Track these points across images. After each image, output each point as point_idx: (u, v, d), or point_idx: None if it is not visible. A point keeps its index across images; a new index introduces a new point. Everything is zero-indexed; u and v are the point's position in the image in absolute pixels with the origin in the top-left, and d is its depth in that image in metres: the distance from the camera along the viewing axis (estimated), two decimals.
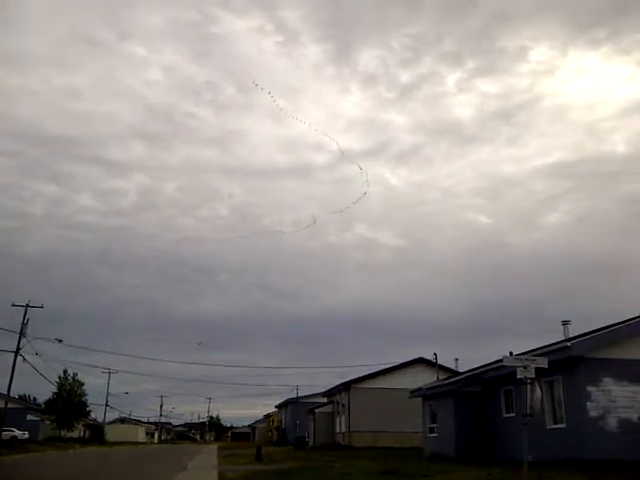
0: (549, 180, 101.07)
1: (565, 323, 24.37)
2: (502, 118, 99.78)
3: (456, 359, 41.90)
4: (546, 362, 10.64)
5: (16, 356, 42.57)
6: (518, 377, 10.36)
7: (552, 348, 18.34)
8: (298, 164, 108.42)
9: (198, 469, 24.50)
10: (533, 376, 10.13)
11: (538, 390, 10.22)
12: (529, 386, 10.19)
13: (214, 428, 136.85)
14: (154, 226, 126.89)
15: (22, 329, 43.21)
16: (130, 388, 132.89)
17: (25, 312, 43.66)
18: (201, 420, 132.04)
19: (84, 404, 70.41)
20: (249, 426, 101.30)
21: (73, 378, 68.76)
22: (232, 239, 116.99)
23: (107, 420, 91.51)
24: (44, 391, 67.37)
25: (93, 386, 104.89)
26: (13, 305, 43.57)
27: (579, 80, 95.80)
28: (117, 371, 76.35)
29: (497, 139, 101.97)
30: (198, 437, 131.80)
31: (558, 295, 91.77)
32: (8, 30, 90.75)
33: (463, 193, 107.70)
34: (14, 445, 43.13)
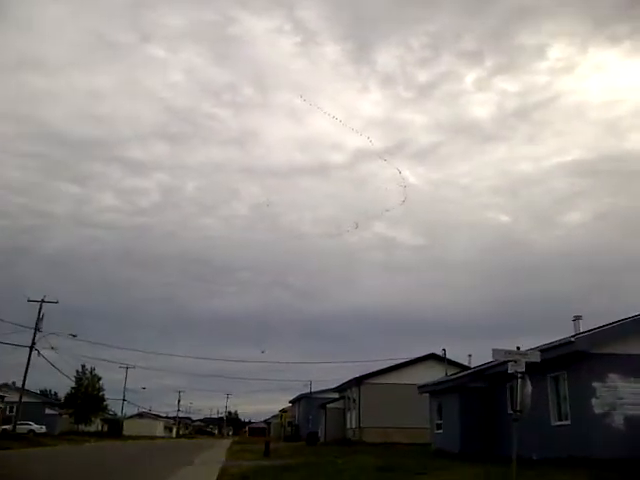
0: (568, 178, 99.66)
1: (576, 318, 23.75)
2: (520, 116, 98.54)
3: (469, 355, 41.31)
4: (538, 357, 10.24)
5: (31, 350, 43.05)
6: (509, 372, 10.01)
7: (557, 343, 17.85)
8: (316, 163, 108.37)
9: (204, 464, 24.44)
10: (523, 370, 9.77)
11: (529, 385, 9.86)
12: (520, 381, 9.83)
13: (232, 423, 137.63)
14: (175, 225, 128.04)
15: (37, 324, 43.67)
16: (150, 384, 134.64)
17: (40, 307, 44.18)
18: (219, 415, 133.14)
19: (102, 398, 71.19)
20: (264, 421, 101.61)
21: (91, 372, 69.61)
22: (250, 238, 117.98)
23: (126, 415, 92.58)
24: (65, 386, 68.45)
25: (113, 382, 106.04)
26: (29, 300, 44.11)
27: (598, 77, 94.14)
28: (134, 366, 77.08)
29: (515, 137, 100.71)
30: (216, 432, 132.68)
31: (578, 293, 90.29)
32: (33, 35, 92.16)
33: (482, 191, 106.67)
34: (29, 439, 43.66)
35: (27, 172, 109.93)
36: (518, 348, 20.96)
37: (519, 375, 9.81)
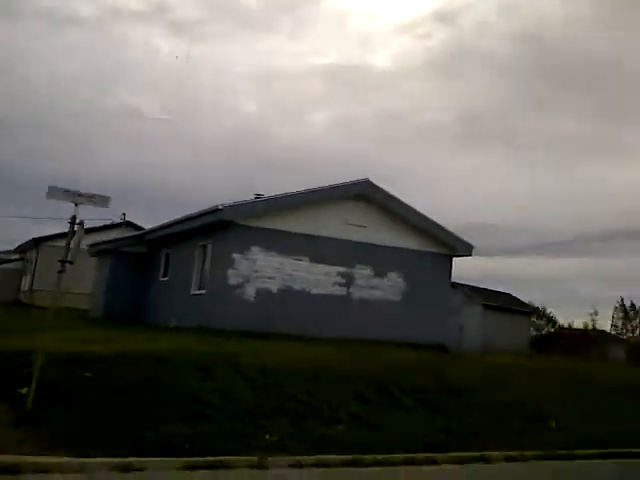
0: (319, 81, 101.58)
1: (258, 197, 23.54)
2: (285, 10, 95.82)
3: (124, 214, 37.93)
4: (108, 203, 8.66)
5: None
6: (71, 215, 8.29)
7: (205, 211, 17.02)
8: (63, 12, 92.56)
9: None
10: (75, 215, 8.14)
11: (83, 234, 8.27)
12: (78, 227, 8.20)
13: None
14: None
15: None
16: None
17: None
18: None
19: None
20: None
21: None
22: None
23: None
24: None
25: None
26: None
27: None
28: None
29: (278, 30, 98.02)
30: None
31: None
32: None
33: (235, 76, 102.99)
34: None
35: None
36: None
37: (77, 222, 8.16)
